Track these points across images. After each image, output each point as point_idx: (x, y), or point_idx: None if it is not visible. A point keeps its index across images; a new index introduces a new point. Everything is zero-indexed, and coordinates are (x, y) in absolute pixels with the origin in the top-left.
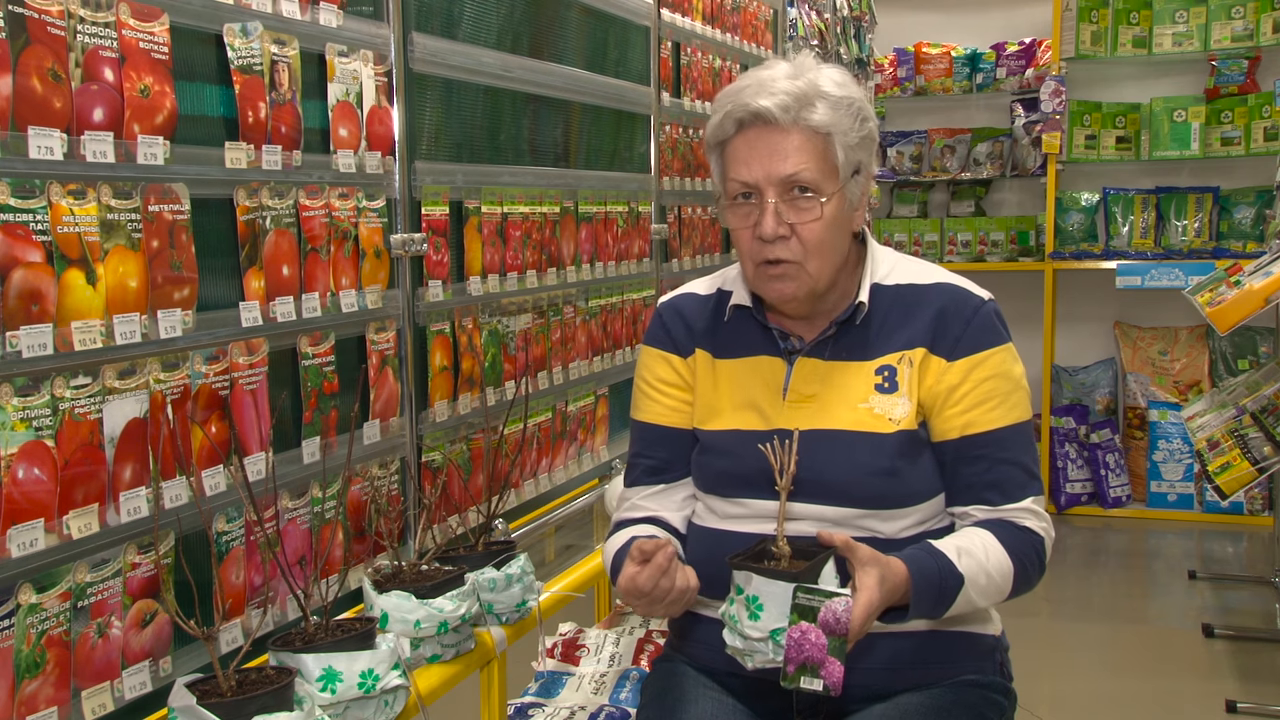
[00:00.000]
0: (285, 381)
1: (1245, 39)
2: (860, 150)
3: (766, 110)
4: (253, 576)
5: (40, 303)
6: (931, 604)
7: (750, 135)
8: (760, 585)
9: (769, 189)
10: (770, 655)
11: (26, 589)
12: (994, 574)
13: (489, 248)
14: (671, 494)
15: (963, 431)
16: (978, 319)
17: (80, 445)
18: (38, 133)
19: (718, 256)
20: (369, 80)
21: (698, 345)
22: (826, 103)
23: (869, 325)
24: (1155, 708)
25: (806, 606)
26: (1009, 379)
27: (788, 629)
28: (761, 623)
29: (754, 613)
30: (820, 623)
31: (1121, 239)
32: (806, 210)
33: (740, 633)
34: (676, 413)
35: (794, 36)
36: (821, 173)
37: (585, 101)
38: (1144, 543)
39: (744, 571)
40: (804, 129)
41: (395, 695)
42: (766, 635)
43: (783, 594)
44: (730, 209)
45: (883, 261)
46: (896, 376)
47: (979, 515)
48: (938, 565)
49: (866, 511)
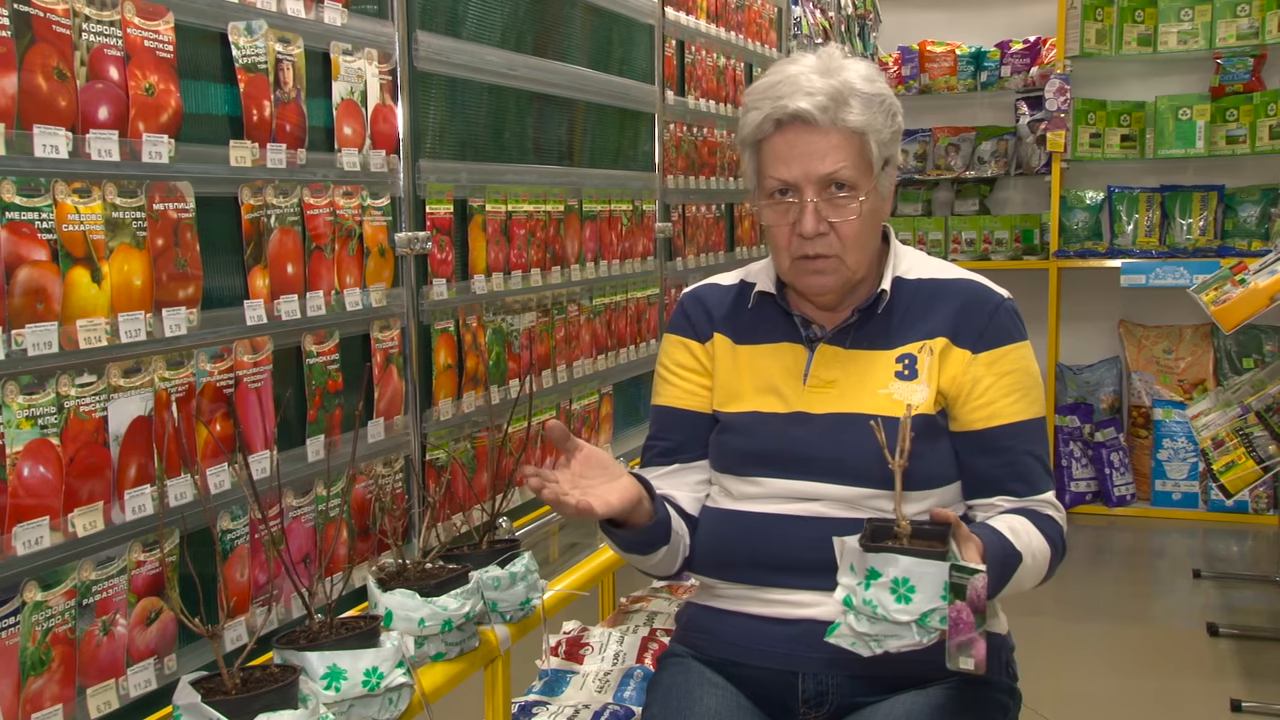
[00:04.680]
0: (290, 380)
1: (1251, 37)
2: (891, 145)
3: (806, 111)
4: (257, 574)
5: (45, 301)
6: (995, 580)
7: (789, 135)
8: (910, 566)
9: (808, 187)
10: (916, 638)
11: (32, 587)
12: (1039, 555)
13: (493, 246)
14: (684, 475)
15: (987, 423)
16: (1000, 314)
17: (85, 443)
18: (43, 131)
19: (722, 255)
20: (373, 78)
21: (717, 330)
22: (860, 100)
23: (890, 315)
24: (1159, 707)
25: (959, 585)
26: (1029, 374)
27: (946, 609)
28: (913, 605)
29: (904, 595)
30: (968, 600)
31: (1126, 237)
32: (844, 207)
33: (883, 617)
34: (694, 396)
35: (798, 35)
36: (858, 170)
37: (590, 100)
38: (1148, 542)
39: (887, 554)
40: (841, 129)
41: (399, 693)
42: (917, 617)
43: (936, 574)
44: (768, 205)
45: (905, 256)
46: (916, 365)
47: (1005, 505)
48: (1000, 543)
49: (880, 492)
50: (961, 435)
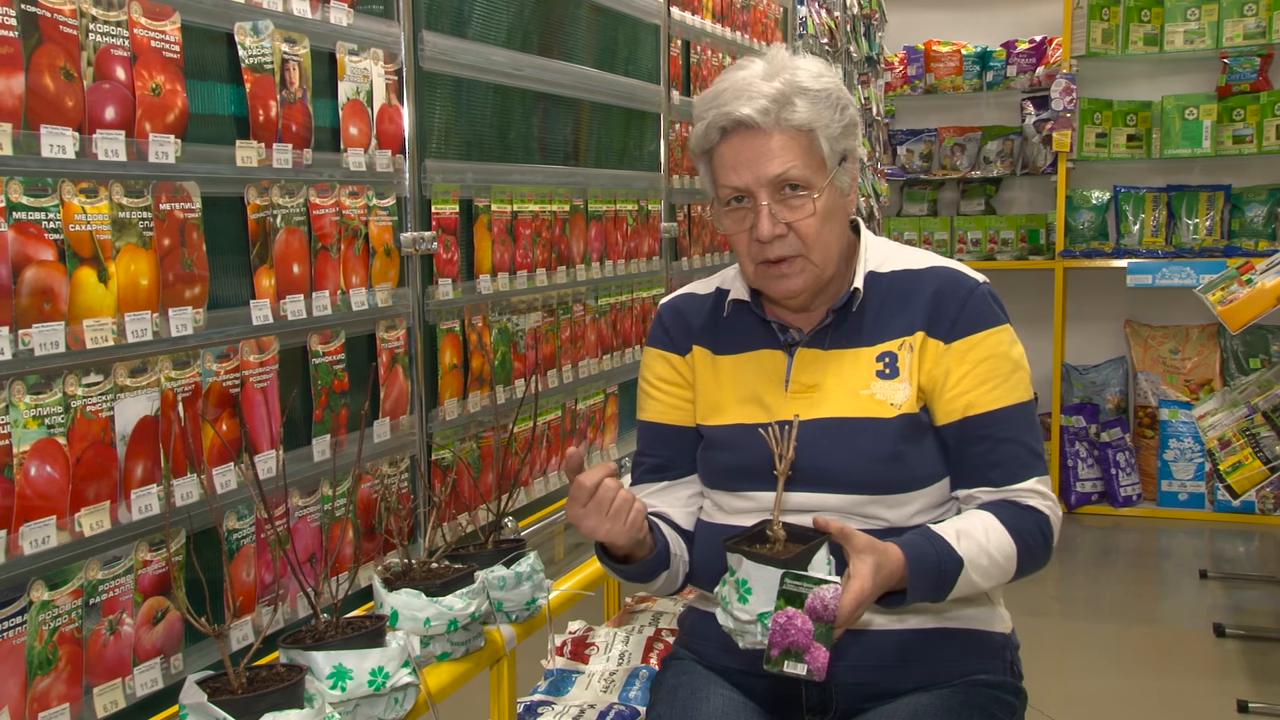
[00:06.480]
0: (295, 379)
1: (1258, 36)
2: (844, 139)
3: (748, 117)
4: (263, 574)
5: (52, 301)
6: (931, 588)
7: (735, 142)
8: (750, 569)
9: (760, 191)
10: (759, 637)
11: (39, 586)
12: (996, 555)
13: (499, 246)
14: (675, 491)
15: (965, 413)
16: (973, 300)
17: (92, 443)
18: (50, 131)
19: (727, 255)
20: (379, 79)
21: (695, 343)
22: (805, 98)
23: (865, 312)
24: (1165, 708)
25: (794, 593)
26: (1008, 359)
27: (773, 614)
28: (750, 606)
29: (743, 595)
30: (807, 609)
31: (1132, 237)
32: (799, 207)
33: (731, 614)
34: (677, 410)
35: (804, 34)
36: (809, 168)
37: (595, 100)
38: (1155, 542)
39: (735, 554)
40: (786, 129)
41: (405, 693)
42: (755, 618)
43: (771, 579)
44: (725, 214)
45: (877, 250)
46: (898, 362)
47: (984, 497)
48: (935, 550)
49: (871, 498)
50: (942, 429)
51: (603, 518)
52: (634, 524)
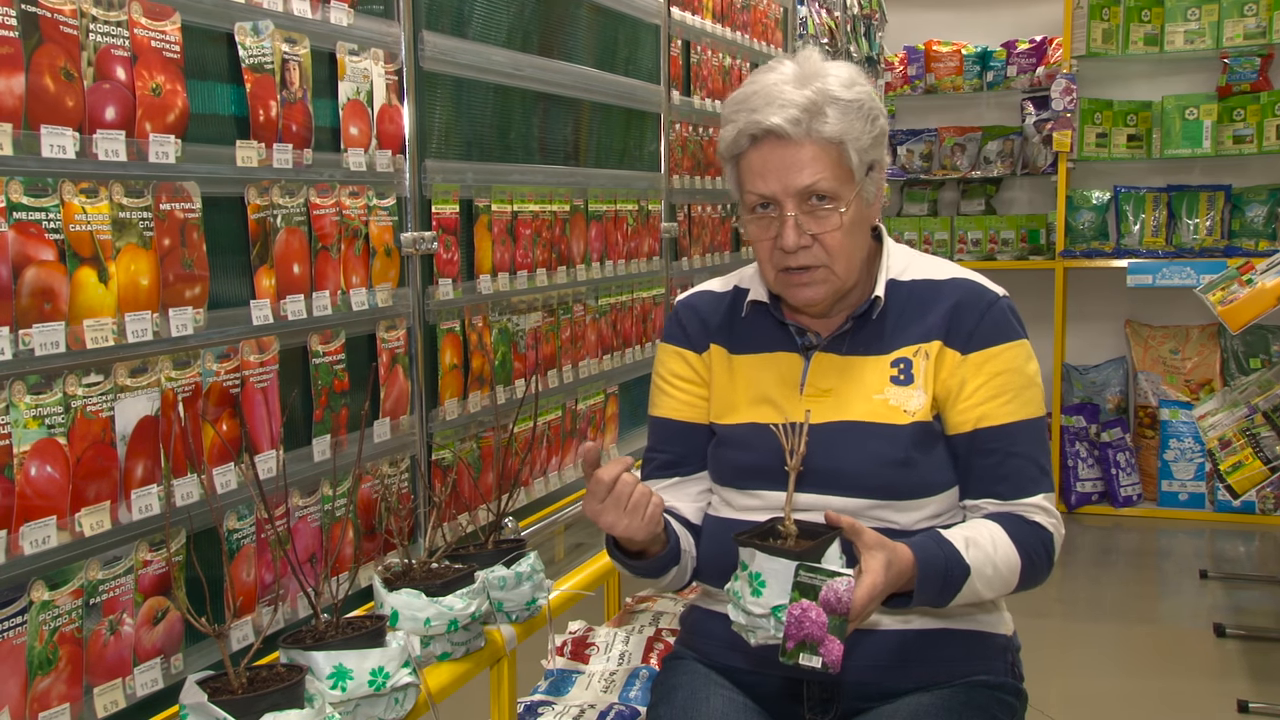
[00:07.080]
0: (296, 379)
1: (1258, 36)
2: (873, 150)
3: (778, 126)
4: (263, 574)
5: (53, 301)
6: (936, 592)
7: (764, 150)
8: (763, 562)
9: (787, 201)
10: (772, 632)
11: (39, 586)
12: (1001, 566)
13: (499, 246)
14: (685, 487)
15: (976, 424)
16: (992, 313)
17: (92, 443)
18: (50, 131)
19: (727, 255)
20: (379, 79)
21: (713, 341)
22: (837, 109)
23: (885, 319)
24: (1166, 708)
25: (808, 585)
26: (1023, 374)
27: (789, 606)
28: (763, 599)
29: (756, 589)
30: (821, 601)
31: (1133, 237)
32: (826, 219)
33: (743, 609)
34: (691, 407)
35: (804, 34)
36: (838, 179)
37: (595, 100)
38: (1155, 542)
39: (748, 548)
40: (817, 140)
41: (405, 693)
42: (768, 611)
43: (785, 571)
44: (751, 220)
45: (899, 258)
46: (913, 369)
47: (989, 508)
48: (944, 554)
49: (880, 502)
50: (953, 439)
51: (621, 512)
52: (652, 518)
